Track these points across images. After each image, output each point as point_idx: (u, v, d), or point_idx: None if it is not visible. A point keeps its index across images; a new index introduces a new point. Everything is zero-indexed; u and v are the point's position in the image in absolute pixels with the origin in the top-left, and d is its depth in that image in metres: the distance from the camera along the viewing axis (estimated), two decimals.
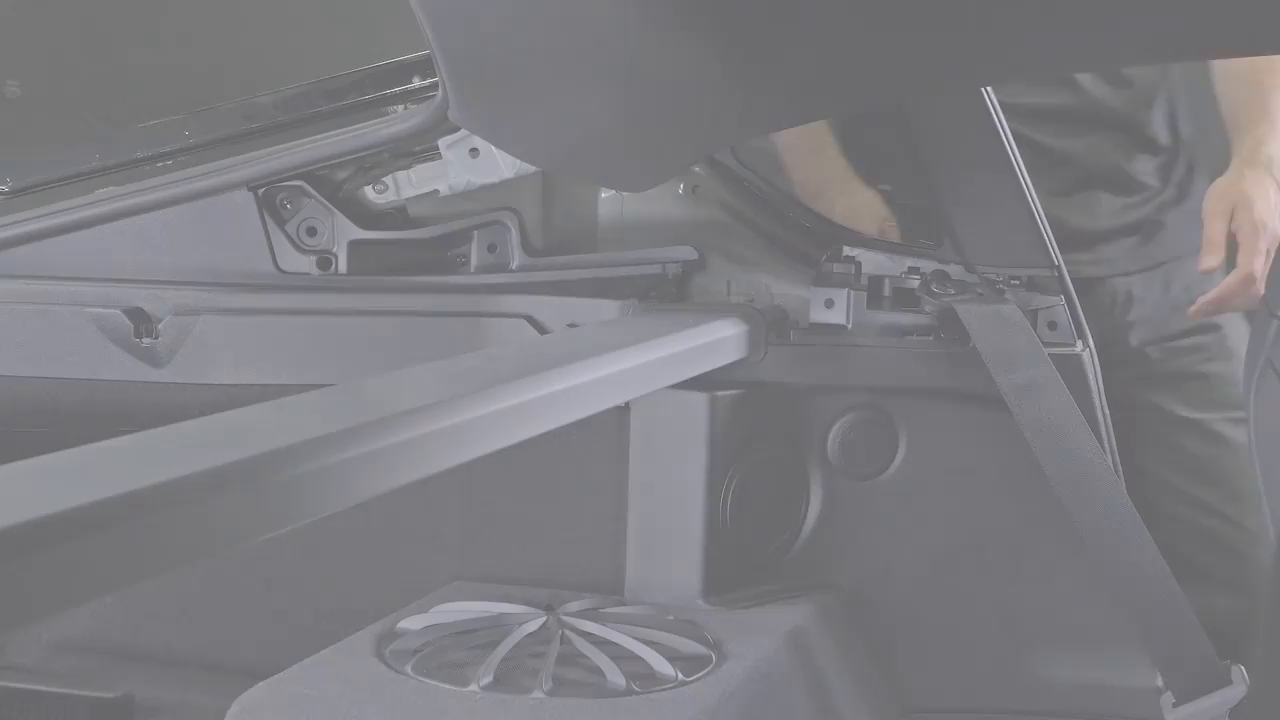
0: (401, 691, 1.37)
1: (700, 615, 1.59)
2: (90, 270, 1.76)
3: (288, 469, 0.86)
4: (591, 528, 1.69)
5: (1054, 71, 1.69)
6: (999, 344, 1.54)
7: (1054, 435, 1.53)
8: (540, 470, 1.71)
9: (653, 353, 1.40)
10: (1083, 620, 1.69)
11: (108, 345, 1.72)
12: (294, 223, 1.74)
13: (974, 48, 1.32)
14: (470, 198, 1.75)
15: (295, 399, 1.04)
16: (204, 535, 0.80)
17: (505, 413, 1.11)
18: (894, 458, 1.70)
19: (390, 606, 1.66)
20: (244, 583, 1.80)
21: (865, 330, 1.67)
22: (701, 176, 1.78)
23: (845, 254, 1.69)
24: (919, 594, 1.71)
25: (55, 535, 0.70)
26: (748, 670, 1.46)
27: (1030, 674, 1.71)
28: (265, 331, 1.70)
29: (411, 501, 1.75)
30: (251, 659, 1.79)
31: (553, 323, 1.67)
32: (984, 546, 1.70)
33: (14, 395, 1.74)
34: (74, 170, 1.90)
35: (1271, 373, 1.12)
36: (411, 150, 1.73)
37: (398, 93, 1.92)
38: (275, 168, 1.73)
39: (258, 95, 1.94)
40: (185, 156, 1.89)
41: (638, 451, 1.65)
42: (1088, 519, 1.54)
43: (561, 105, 1.49)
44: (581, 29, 1.33)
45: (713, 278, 1.76)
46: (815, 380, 1.67)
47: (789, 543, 1.71)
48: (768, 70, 1.33)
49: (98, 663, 1.84)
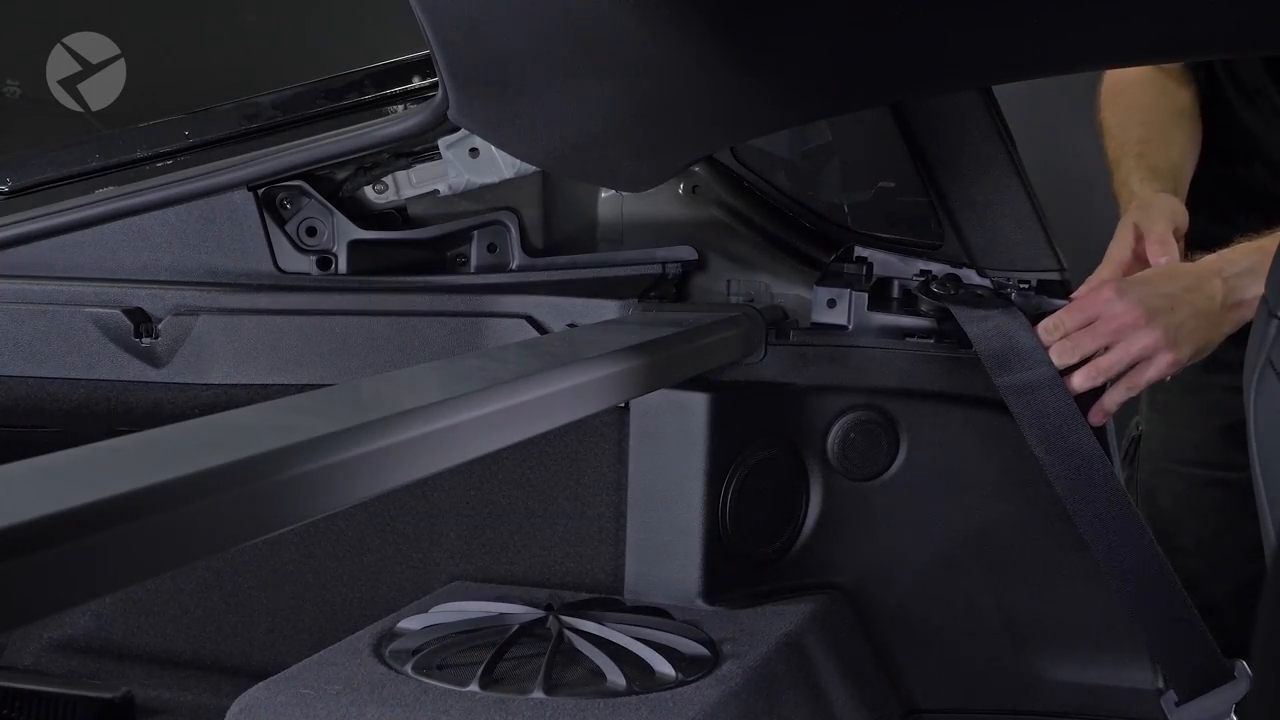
0: (401, 691, 1.37)
1: (700, 615, 1.59)
2: (90, 270, 1.76)
3: (288, 469, 0.86)
4: (591, 528, 1.69)
5: (1055, 72, 1.69)
6: (998, 346, 1.54)
7: (1054, 436, 1.53)
8: (540, 470, 1.71)
9: (652, 353, 1.40)
10: (1083, 620, 1.69)
11: (107, 345, 1.72)
12: (294, 223, 1.75)
13: (974, 48, 1.32)
14: (470, 198, 1.75)
15: (295, 399, 1.04)
16: (204, 535, 0.80)
17: (505, 413, 1.11)
18: (894, 459, 1.70)
19: (390, 606, 1.66)
20: (244, 583, 1.80)
21: (866, 331, 1.66)
22: (701, 176, 1.78)
23: (857, 255, 1.69)
24: (919, 594, 1.71)
25: (55, 535, 0.70)
26: (747, 670, 1.46)
27: (1030, 674, 1.71)
28: (265, 331, 1.70)
29: (411, 501, 1.75)
30: (251, 659, 1.79)
31: (553, 323, 1.67)
32: (984, 547, 1.70)
33: (14, 395, 1.74)
34: (74, 170, 1.91)
35: (1271, 373, 1.12)
36: (411, 150, 1.73)
37: (398, 93, 1.92)
38: (275, 168, 1.73)
39: (257, 95, 1.94)
40: (185, 156, 1.90)
41: (637, 451, 1.65)
42: (1088, 519, 1.54)
43: (561, 105, 1.49)
44: (581, 29, 1.33)
45: (713, 278, 1.76)
46: (815, 380, 1.67)
47: (789, 543, 1.71)
48: (768, 70, 1.33)
49: (98, 663, 1.84)
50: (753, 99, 1.44)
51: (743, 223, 1.77)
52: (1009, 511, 1.69)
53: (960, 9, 1.21)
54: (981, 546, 1.70)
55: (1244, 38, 1.34)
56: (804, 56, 1.30)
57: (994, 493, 1.69)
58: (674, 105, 1.45)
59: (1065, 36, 1.27)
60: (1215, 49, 1.43)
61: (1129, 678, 1.67)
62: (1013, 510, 1.69)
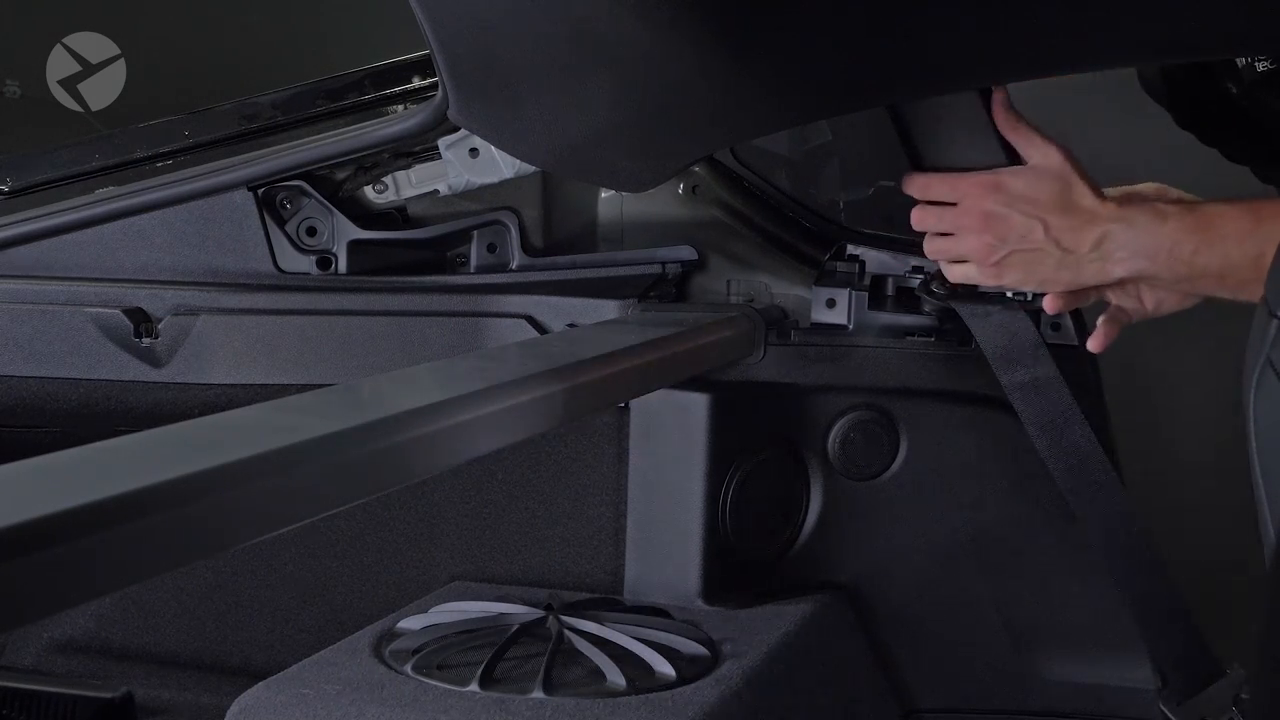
0: (401, 691, 1.37)
1: (700, 615, 1.59)
2: (90, 270, 1.76)
3: (288, 469, 0.86)
4: (591, 528, 1.69)
5: (1055, 72, 1.68)
6: (1001, 343, 1.54)
7: (1057, 433, 1.53)
8: (540, 470, 1.71)
9: (652, 353, 1.40)
10: (1082, 620, 1.69)
11: (107, 345, 1.72)
12: (294, 223, 1.75)
13: (975, 48, 1.32)
14: (470, 198, 1.75)
15: (295, 399, 1.03)
16: (204, 535, 0.80)
17: (505, 413, 1.11)
18: (894, 458, 1.70)
19: (390, 606, 1.66)
20: (244, 583, 1.81)
21: (866, 330, 1.67)
22: (701, 176, 1.78)
23: (849, 253, 1.69)
24: (919, 594, 1.71)
25: (55, 535, 0.70)
26: (747, 670, 1.46)
27: (1030, 674, 1.71)
28: (265, 331, 1.70)
29: (411, 501, 1.75)
30: (251, 659, 1.79)
31: (553, 323, 1.67)
32: (984, 546, 1.70)
33: (14, 395, 1.74)
34: (74, 170, 1.91)
35: (1271, 372, 1.12)
36: (411, 150, 1.73)
37: (398, 93, 1.92)
38: (275, 168, 1.73)
39: (257, 95, 1.94)
40: (185, 156, 1.90)
41: (637, 452, 1.65)
42: (1089, 517, 1.54)
43: (561, 105, 1.49)
44: (582, 29, 1.33)
45: (713, 278, 1.76)
46: (815, 380, 1.67)
47: (789, 543, 1.71)
48: (768, 70, 1.33)
49: (98, 663, 1.84)
50: (752, 99, 1.44)
51: (742, 223, 1.77)
52: (1009, 511, 1.69)
53: (960, 10, 1.21)
54: (981, 546, 1.70)
55: (1245, 37, 1.34)
56: (804, 57, 1.30)
57: (994, 492, 1.69)
58: (674, 106, 1.45)
59: (1065, 37, 1.27)
60: (1217, 49, 1.43)
61: (1128, 677, 1.67)
62: (1013, 510, 1.69)
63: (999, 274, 1.46)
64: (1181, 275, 1.42)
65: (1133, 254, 1.42)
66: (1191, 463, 2.75)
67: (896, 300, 1.68)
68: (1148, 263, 1.41)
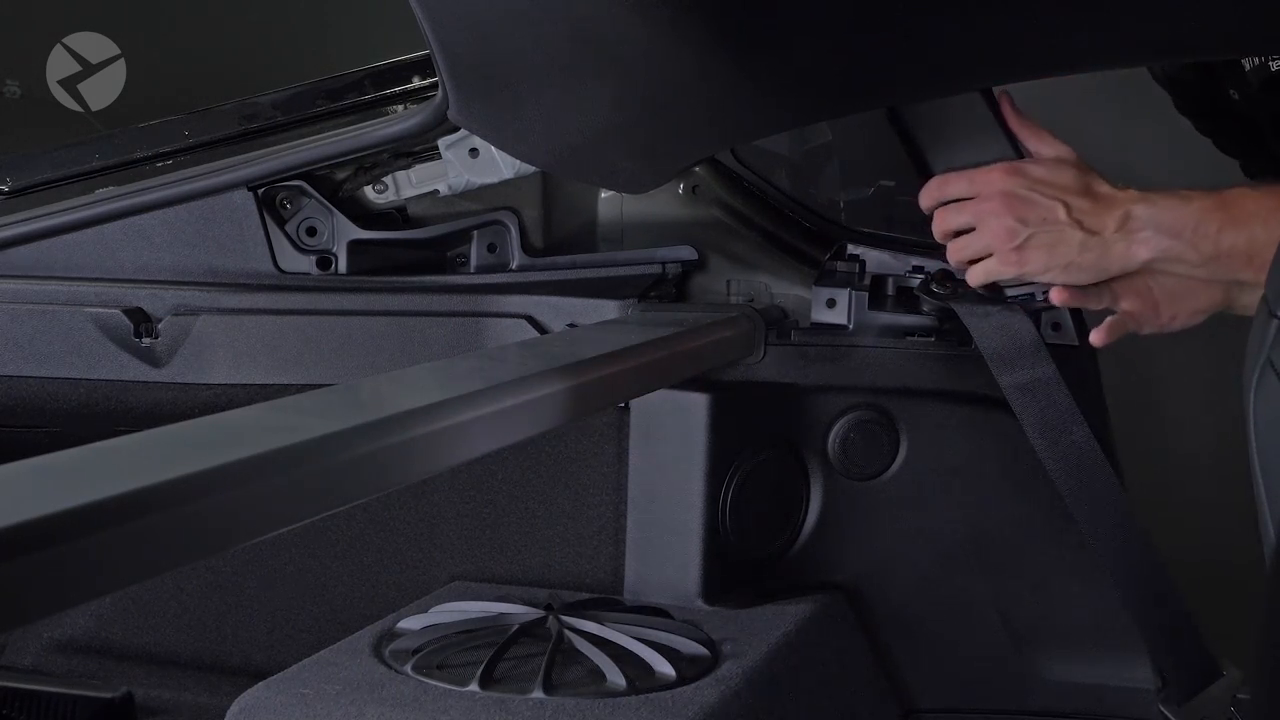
0: (401, 691, 1.37)
1: (700, 615, 1.59)
2: (90, 270, 1.76)
3: (288, 469, 0.86)
4: (591, 528, 1.70)
5: (1055, 73, 1.68)
6: (1000, 344, 1.54)
7: (1056, 435, 1.53)
8: (540, 470, 1.71)
9: (652, 353, 1.40)
10: (1083, 620, 1.69)
11: (107, 345, 1.72)
12: (294, 223, 1.75)
13: (975, 48, 1.32)
14: (470, 198, 1.76)
15: (295, 399, 1.03)
16: (204, 535, 0.80)
17: (505, 413, 1.11)
18: (894, 458, 1.70)
19: (390, 606, 1.66)
20: (244, 583, 1.81)
21: (866, 330, 1.67)
22: (701, 176, 1.78)
23: (849, 252, 1.69)
24: (919, 593, 1.71)
25: (55, 535, 0.70)
26: (747, 670, 1.46)
27: (1030, 674, 1.71)
28: (264, 331, 1.70)
29: (411, 501, 1.75)
30: (251, 659, 1.79)
31: (553, 323, 1.67)
32: (984, 546, 1.70)
33: (14, 395, 1.74)
34: (74, 170, 1.91)
35: (1271, 372, 1.12)
36: (411, 150, 1.73)
37: (398, 93, 1.92)
38: (275, 168, 1.73)
39: (257, 95, 1.94)
40: (185, 156, 1.90)
41: (637, 452, 1.65)
42: (1089, 518, 1.54)
43: (561, 106, 1.49)
44: (581, 29, 1.33)
45: (713, 278, 1.76)
46: (815, 380, 1.67)
47: (789, 543, 1.71)
48: (768, 71, 1.33)
49: (98, 663, 1.84)
50: (752, 101, 1.44)
51: (742, 223, 1.77)
52: (1009, 511, 1.69)
53: (960, 11, 1.21)
54: (981, 546, 1.70)
55: (1246, 38, 1.34)
56: (804, 59, 1.30)
57: (994, 492, 1.69)
58: (674, 106, 1.45)
59: (1065, 37, 1.27)
60: (1217, 49, 1.43)
61: (1128, 677, 1.67)
62: (1013, 510, 1.69)
63: (1021, 259, 1.43)
64: (1208, 254, 1.40)
65: (1157, 232, 1.40)
66: (1191, 463, 2.75)
67: (897, 300, 1.68)
68: (1173, 241, 1.39)
